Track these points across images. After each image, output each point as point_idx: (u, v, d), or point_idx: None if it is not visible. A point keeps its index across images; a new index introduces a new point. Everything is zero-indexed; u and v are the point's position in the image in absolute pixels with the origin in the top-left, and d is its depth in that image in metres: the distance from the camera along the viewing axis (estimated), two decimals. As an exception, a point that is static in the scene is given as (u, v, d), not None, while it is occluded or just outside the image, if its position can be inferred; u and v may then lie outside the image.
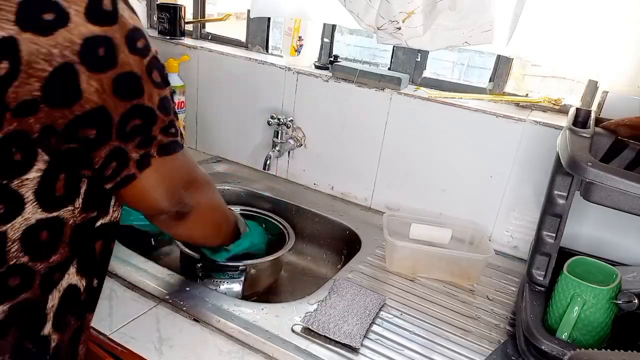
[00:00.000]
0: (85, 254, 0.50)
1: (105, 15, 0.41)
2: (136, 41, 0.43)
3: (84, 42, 0.39)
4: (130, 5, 0.44)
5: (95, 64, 0.40)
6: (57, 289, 0.48)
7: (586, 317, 0.65)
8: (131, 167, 0.46)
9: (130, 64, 0.43)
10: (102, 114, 0.42)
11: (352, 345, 0.66)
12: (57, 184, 0.44)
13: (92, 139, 0.43)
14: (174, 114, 0.50)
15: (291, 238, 0.95)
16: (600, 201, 0.59)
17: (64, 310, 0.49)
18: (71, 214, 0.46)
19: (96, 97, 0.41)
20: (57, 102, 0.40)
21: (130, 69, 0.43)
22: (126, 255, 0.82)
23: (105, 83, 0.41)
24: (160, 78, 0.47)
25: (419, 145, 1.02)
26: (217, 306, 0.71)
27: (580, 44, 0.82)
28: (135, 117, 0.44)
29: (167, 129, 0.49)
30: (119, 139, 0.44)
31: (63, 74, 0.39)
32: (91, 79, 0.40)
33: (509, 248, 0.99)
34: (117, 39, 0.41)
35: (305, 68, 1.12)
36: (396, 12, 0.83)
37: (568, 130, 0.69)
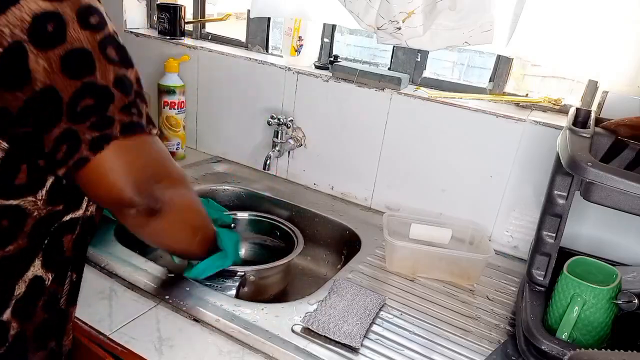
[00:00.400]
0: (51, 247, 0.49)
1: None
2: (89, 17, 0.42)
3: (34, 19, 0.39)
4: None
5: (44, 40, 0.39)
6: (23, 280, 0.47)
7: (586, 317, 0.65)
8: (83, 149, 0.43)
9: (80, 39, 0.41)
10: (51, 95, 0.40)
11: (352, 345, 0.66)
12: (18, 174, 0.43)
13: (43, 121, 0.41)
14: (138, 97, 0.47)
15: (299, 244, 0.93)
16: (600, 201, 0.59)
17: (28, 301, 0.48)
18: (34, 205, 0.45)
19: (44, 77, 0.40)
20: (7, 84, 0.39)
21: (80, 45, 0.41)
22: (126, 255, 0.82)
23: (54, 61, 0.40)
24: (117, 56, 0.45)
25: (419, 145, 1.02)
26: (217, 306, 0.71)
27: (580, 44, 0.82)
28: (86, 95, 0.42)
29: (128, 108, 0.45)
30: (70, 120, 0.42)
31: (13, 54, 0.38)
32: (39, 57, 0.39)
33: (509, 248, 0.99)
34: (67, 14, 0.40)
35: (305, 68, 1.12)
36: (396, 12, 0.83)
37: (568, 130, 0.69)
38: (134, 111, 0.46)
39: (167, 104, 1.17)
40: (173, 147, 1.22)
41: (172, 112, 1.18)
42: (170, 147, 1.21)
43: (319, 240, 1.07)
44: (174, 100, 1.17)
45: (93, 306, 0.68)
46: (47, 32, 0.39)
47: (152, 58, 1.30)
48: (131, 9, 1.34)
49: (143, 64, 1.32)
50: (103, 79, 0.43)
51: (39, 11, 0.39)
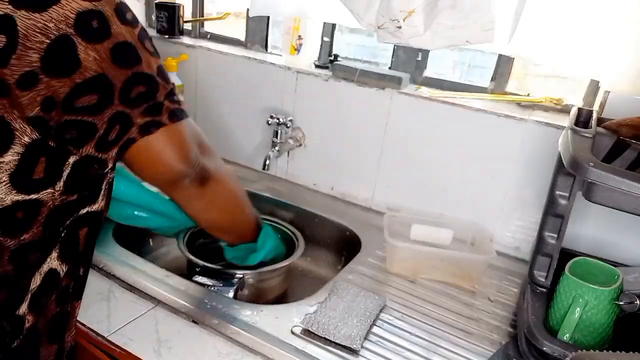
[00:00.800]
0: (68, 240, 0.51)
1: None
2: (125, 13, 0.46)
3: (78, 16, 0.42)
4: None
5: (91, 34, 0.43)
6: (39, 272, 0.49)
7: (588, 318, 0.65)
8: (133, 131, 0.48)
9: (123, 34, 0.45)
10: (103, 81, 0.44)
11: (352, 347, 0.65)
12: (36, 167, 0.45)
13: (94, 104, 0.44)
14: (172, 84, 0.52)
15: (300, 247, 0.92)
16: (602, 201, 0.59)
17: (42, 294, 0.50)
18: (51, 196, 0.47)
19: (95, 66, 0.43)
20: (56, 71, 0.42)
21: (124, 39, 0.45)
22: (125, 256, 0.81)
23: (103, 52, 0.43)
24: (152, 47, 0.49)
25: (420, 145, 1.01)
26: (216, 308, 0.71)
27: (582, 44, 0.82)
28: (138, 83, 0.47)
29: (171, 95, 0.51)
30: (123, 104, 0.46)
31: (61, 45, 0.41)
32: (88, 49, 0.43)
33: (510, 249, 0.98)
34: (107, 12, 0.44)
35: (305, 67, 1.11)
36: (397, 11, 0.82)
37: (570, 130, 0.68)
38: (175, 98, 0.52)
39: (166, 103, 1.16)
40: (172, 147, 1.21)
41: (171, 111, 1.17)
42: (170, 147, 1.21)
43: (318, 241, 1.06)
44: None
45: (91, 307, 0.68)
46: (93, 27, 0.43)
47: (151, 57, 1.29)
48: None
49: (142, 64, 1.32)
50: (149, 69, 0.48)
51: (81, 9, 0.42)
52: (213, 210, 0.68)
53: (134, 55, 0.46)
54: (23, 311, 0.48)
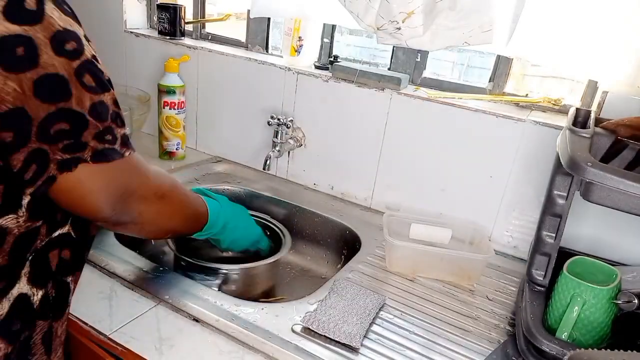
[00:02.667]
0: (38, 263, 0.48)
1: (27, 15, 0.39)
2: (64, 43, 0.41)
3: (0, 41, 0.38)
4: (65, 7, 0.43)
5: (12, 63, 0.39)
6: (7, 298, 0.46)
7: (586, 317, 0.65)
8: (51, 169, 0.43)
9: (54, 65, 0.41)
10: (20, 116, 0.40)
11: (352, 345, 0.66)
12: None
13: (9, 141, 0.40)
14: (115, 121, 0.47)
15: (287, 243, 0.94)
16: (600, 201, 0.59)
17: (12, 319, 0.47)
18: (15, 222, 0.44)
19: (14, 98, 0.39)
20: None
21: (54, 71, 0.41)
22: (126, 255, 0.82)
23: (25, 84, 0.39)
24: (94, 82, 0.44)
25: (419, 145, 1.02)
26: (217, 306, 0.71)
27: (580, 44, 0.82)
28: (61, 120, 0.42)
29: (102, 135, 0.46)
30: (41, 140, 0.42)
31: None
32: (8, 79, 0.38)
33: (508, 248, 0.99)
34: (39, 39, 0.40)
35: (305, 68, 1.12)
36: (396, 12, 0.83)
37: (568, 130, 0.69)
38: (107, 137, 0.47)
39: (167, 104, 1.17)
40: (173, 147, 1.22)
41: (172, 112, 1.18)
42: (170, 147, 1.22)
43: (318, 240, 1.07)
44: (174, 100, 1.17)
45: (93, 306, 0.68)
46: (16, 55, 0.39)
47: (152, 58, 1.30)
48: (131, 9, 1.34)
49: (143, 64, 1.32)
50: (78, 106, 0.43)
51: (6, 33, 0.38)
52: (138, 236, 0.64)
53: (63, 89, 0.41)
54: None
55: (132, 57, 1.34)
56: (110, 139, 0.47)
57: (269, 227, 1.00)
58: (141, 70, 1.32)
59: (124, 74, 1.36)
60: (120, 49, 1.35)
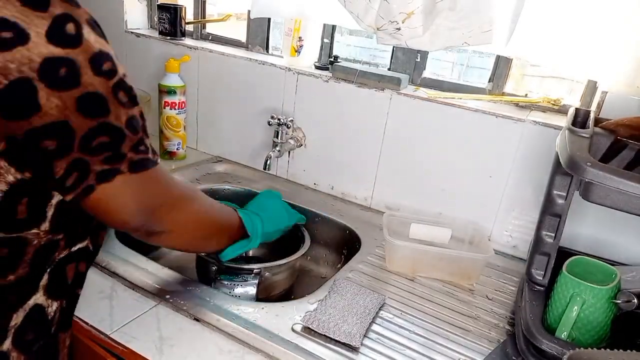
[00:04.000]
0: (56, 276, 0.50)
1: (68, 38, 0.42)
2: (102, 64, 0.44)
3: (44, 61, 0.40)
4: (98, 30, 0.45)
5: (56, 82, 0.41)
6: (23, 309, 0.48)
7: (585, 316, 0.65)
8: (90, 179, 0.46)
9: (94, 84, 0.43)
10: (63, 128, 0.42)
11: (352, 344, 0.66)
12: (18, 207, 0.44)
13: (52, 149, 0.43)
14: (144, 132, 0.50)
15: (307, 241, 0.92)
16: (600, 201, 0.59)
17: (27, 330, 0.49)
18: (36, 235, 0.46)
19: (57, 112, 0.41)
20: (11, 114, 0.40)
21: (94, 89, 0.43)
22: (127, 254, 0.82)
23: (68, 101, 0.42)
24: (126, 98, 0.47)
25: (419, 145, 1.02)
26: (218, 305, 0.72)
27: (580, 44, 0.82)
28: (102, 134, 0.45)
29: (137, 146, 0.49)
30: (82, 151, 0.44)
31: (19, 87, 0.40)
32: (51, 95, 0.41)
33: (508, 248, 0.99)
34: (79, 61, 0.42)
35: (305, 68, 1.12)
36: (396, 13, 0.83)
37: (567, 130, 0.69)
38: (142, 148, 0.50)
39: (168, 104, 1.17)
40: (173, 147, 1.22)
41: (173, 112, 1.18)
42: (171, 147, 1.22)
43: (319, 239, 1.07)
44: (175, 100, 1.17)
45: (94, 306, 0.69)
46: (59, 75, 0.41)
47: (152, 58, 1.30)
48: (132, 9, 1.34)
49: (144, 65, 1.32)
50: (117, 121, 0.46)
51: (49, 55, 0.40)
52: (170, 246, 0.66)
53: (103, 107, 0.45)
54: (7, 347, 0.48)
55: (132, 58, 1.34)
56: (144, 149, 0.50)
57: None
58: (142, 70, 1.33)
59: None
60: (121, 49, 1.35)
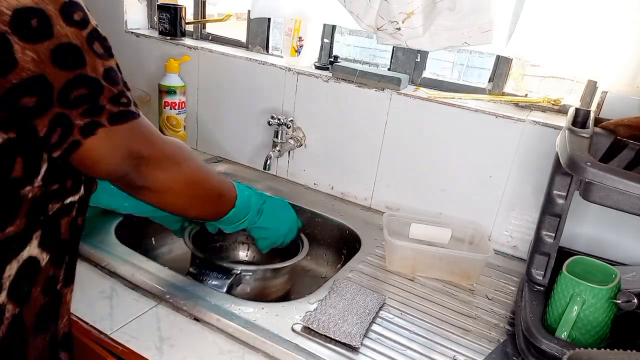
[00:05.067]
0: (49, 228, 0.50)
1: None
2: (72, 13, 0.44)
3: (14, 13, 0.40)
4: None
5: (29, 34, 0.41)
6: (17, 260, 0.48)
7: (585, 316, 0.65)
8: (75, 133, 0.46)
9: (67, 35, 0.43)
10: (41, 82, 0.42)
11: (352, 344, 0.66)
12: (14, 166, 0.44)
13: (32, 106, 0.43)
14: (124, 84, 0.50)
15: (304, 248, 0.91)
16: (600, 201, 0.59)
17: (22, 282, 0.49)
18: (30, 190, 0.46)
19: (33, 66, 0.41)
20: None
21: (68, 40, 0.43)
22: (127, 254, 0.82)
23: (43, 53, 0.42)
24: (102, 49, 0.47)
25: (419, 145, 1.02)
26: (218, 305, 0.72)
27: (580, 44, 0.82)
28: (79, 86, 0.45)
29: (117, 98, 0.49)
30: (62, 105, 0.44)
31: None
32: (26, 48, 0.41)
33: (508, 248, 0.99)
34: (50, 11, 0.42)
35: (306, 68, 1.12)
36: (396, 13, 0.83)
37: (567, 130, 0.69)
38: (123, 100, 0.50)
39: (168, 104, 1.17)
40: (173, 147, 1.22)
41: (173, 112, 1.18)
42: (171, 147, 1.22)
43: (319, 239, 1.07)
44: (175, 100, 1.17)
45: (94, 306, 0.69)
46: (32, 26, 0.41)
47: (152, 58, 1.30)
48: (132, 9, 1.34)
49: (144, 65, 1.32)
50: (93, 72, 0.46)
51: (19, 6, 0.40)
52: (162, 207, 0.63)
53: (78, 57, 0.44)
54: (2, 300, 0.47)
55: (132, 58, 1.34)
56: (125, 102, 0.50)
57: None
58: (142, 70, 1.33)
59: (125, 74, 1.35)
60: (121, 49, 1.35)
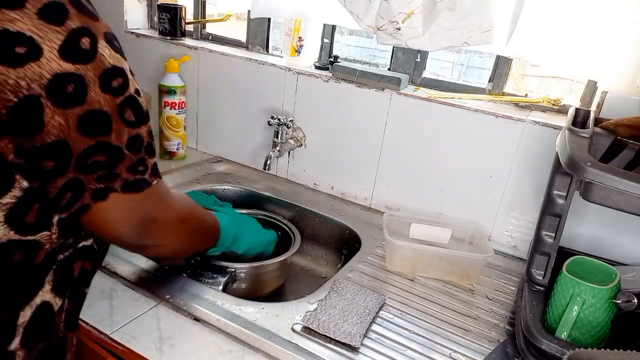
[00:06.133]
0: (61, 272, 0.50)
1: (81, 54, 0.41)
2: (111, 80, 0.43)
3: (53, 77, 0.39)
4: (115, 45, 0.44)
5: (62, 99, 0.40)
6: (30, 305, 0.47)
7: (585, 316, 0.65)
8: (86, 197, 0.46)
9: (99, 102, 0.42)
10: (62, 148, 0.42)
11: (352, 344, 0.66)
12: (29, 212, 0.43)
13: (49, 170, 0.42)
14: (147, 151, 0.49)
15: (296, 242, 0.93)
16: (600, 201, 0.59)
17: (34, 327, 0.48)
18: (48, 238, 0.46)
19: (58, 131, 0.41)
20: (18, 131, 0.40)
21: (99, 107, 0.42)
22: (126, 254, 0.82)
23: (71, 119, 0.41)
24: (134, 117, 0.46)
25: (419, 145, 1.02)
26: (218, 305, 0.72)
27: (580, 44, 0.82)
28: (98, 153, 0.44)
29: (135, 167, 0.48)
30: (77, 171, 0.43)
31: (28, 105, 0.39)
32: (56, 113, 0.40)
33: (508, 248, 0.99)
34: (89, 77, 0.41)
35: (306, 68, 1.12)
36: (396, 13, 0.83)
37: (567, 130, 0.69)
38: (140, 169, 0.49)
39: (168, 104, 1.17)
40: (174, 147, 1.22)
41: (173, 112, 1.18)
42: (171, 147, 1.22)
43: (319, 239, 1.07)
44: (175, 100, 1.18)
45: (94, 306, 0.69)
46: (67, 92, 0.40)
47: (152, 58, 1.30)
48: (132, 9, 1.34)
49: (144, 65, 1.32)
50: (117, 140, 0.45)
51: (60, 71, 0.40)
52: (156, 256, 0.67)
53: (105, 125, 0.44)
54: (15, 347, 0.47)
55: (132, 58, 1.33)
56: (141, 170, 0.49)
57: (280, 227, 0.99)
58: (142, 70, 1.33)
59: (125, 74, 1.36)
60: (121, 49, 1.35)
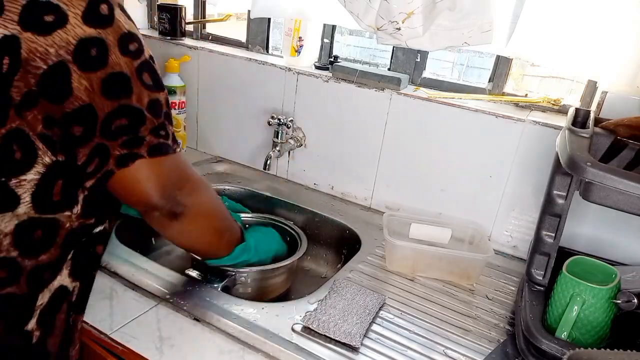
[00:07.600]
0: (80, 257, 0.51)
1: (101, 19, 0.43)
2: (128, 44, 0.45)
3: (79, 43, 0.42)
4: (127, 13, 0.47)
5: (87, 63, 0.42)
6: (48, 289, 0.49)
7: (585, 316, 0.65)
8: (110, 164, 0.47)
9: (120, 64, 0.44)
10: (89, 112, 0.44)
11: (352, 344, 0.66)
12: (54, 188, 0.45)
13: (78, 137, 0.44)
14: (166, 118, 0.51)
15: (303, 246, 0.91)
16: (600, 201, 0.59)
17: (51, 310, 0.50)
18: (68, 218, 0.47)
19: (85, 95, 0.43)
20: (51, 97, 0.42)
21: (120, 70, 0.44)
22: (127, 254, 0.82)
23: (95, 82, 0.43)
24: (151, 81, 0.48)
25: (419, 145, 1.02)
26: (218, 305, 0.72)
27: (580, 44, 0.82)
28: (121, 116, 0.46)
29: (157, 130, 0.49)
30: (103, 136, 0.45)
31: (57, 71, 0.41)
32: (82, 77, 0.42)
33: (508, 248, 0.99)
34: (109, 41, 0.44)
35: (306, 68, 1.12)
36: (396, 13, 0.83)
37: (567, 130, 0.69)
38: (162, 133, 0.50)
39: (168, 104, 1.17)
40: (173, 147, 1.22)
41: (173, 112, 1.18)
42: (171, 147, 1.22)
43: (319, 239, 1.07)
44: (175, 100, 1.17)
45: (94, 306, 0.69)
46: (91, 55, 0.42)
47: (152, 58, 1.30)
48: (132, 9, 1.34)
49: (143, 65, 1.32)
50: (138, 102, 0.47)
51: (84, 36, 0.42)
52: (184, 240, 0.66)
53: (126, 87, 0.46)
54: (31, 327, 0.48)
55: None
56: (164, 134, 0.50)
57: (285, 230, 0.97)
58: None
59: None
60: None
